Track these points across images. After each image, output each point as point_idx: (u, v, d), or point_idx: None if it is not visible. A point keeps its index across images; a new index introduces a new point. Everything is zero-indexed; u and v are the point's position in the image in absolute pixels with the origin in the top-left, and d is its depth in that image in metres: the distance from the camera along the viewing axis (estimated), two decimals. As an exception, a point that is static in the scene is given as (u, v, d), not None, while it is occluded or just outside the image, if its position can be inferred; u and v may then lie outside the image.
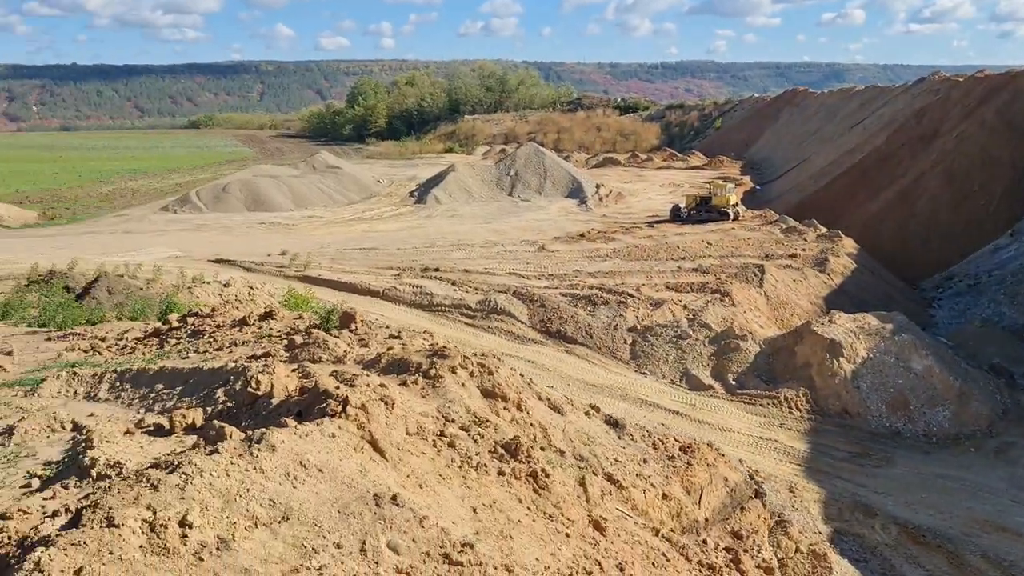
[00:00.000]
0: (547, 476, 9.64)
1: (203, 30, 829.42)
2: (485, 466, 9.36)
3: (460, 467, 9.11)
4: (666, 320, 29.68)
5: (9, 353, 19.98)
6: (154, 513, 5.75)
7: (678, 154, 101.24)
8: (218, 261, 42.11)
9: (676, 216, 53.31)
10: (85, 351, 19.61)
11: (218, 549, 5.77)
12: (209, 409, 11.40)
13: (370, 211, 65.28)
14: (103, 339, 20.78)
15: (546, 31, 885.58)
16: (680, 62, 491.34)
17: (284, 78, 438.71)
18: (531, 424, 11.23)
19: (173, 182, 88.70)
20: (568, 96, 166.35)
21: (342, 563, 6.09)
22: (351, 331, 15.66)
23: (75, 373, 15.63)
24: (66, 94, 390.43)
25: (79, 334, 22.50)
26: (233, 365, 13.08)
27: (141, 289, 30.99)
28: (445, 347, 11.64)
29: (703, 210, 52.74)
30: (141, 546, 5.52)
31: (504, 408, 11.08)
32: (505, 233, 51.21)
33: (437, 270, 38.33)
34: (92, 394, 14.52)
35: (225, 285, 33.40)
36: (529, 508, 9.05)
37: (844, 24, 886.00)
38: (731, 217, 51.60)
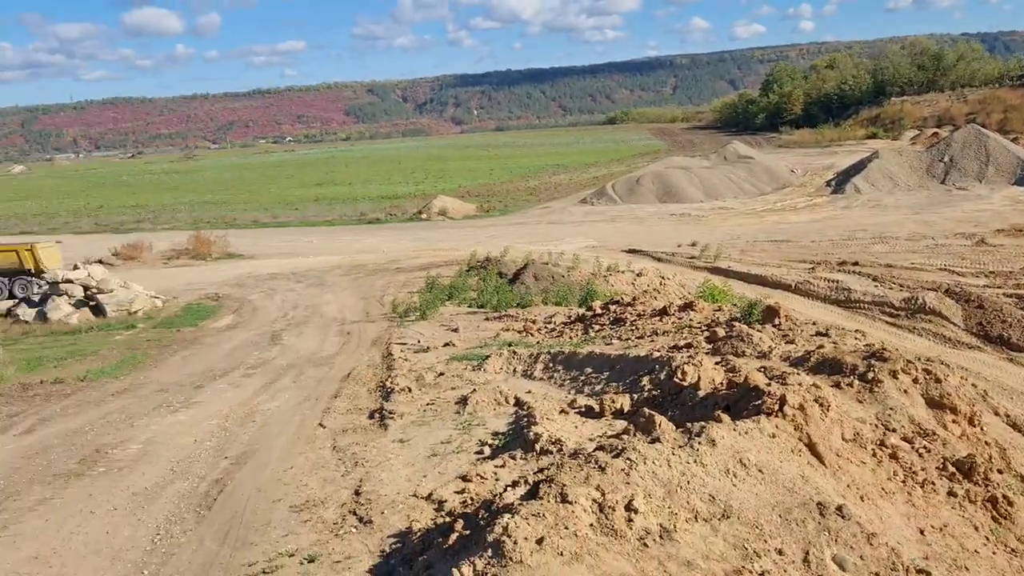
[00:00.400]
0: (1009, 504, 8.43)
1: (622, 29, 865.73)
2: (932, 484, 8.44)
3: (904, 482, 8.31)
4: None
5: (456, 330, 22.68)
6: (603, 494, 5.99)
7: None
8: (630, 251, 43.61)
9: None
10: (519, 332, 21.48)
11: (661, 538, 5.84)
12: (635, 396, 11.76)
13: (782, 202, 63.24)
14: (533, 321, 22.60)
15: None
16: None
17: (697, 71, 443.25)
18: (986, 442, 9.91)
19: (591, 176, 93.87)
20: (1019, 69, 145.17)
21: (784, 571, 5.84)
22: (774, 326, 15.17)
23: (514, 352, 17.16)
24: (501, 97, 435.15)
25: (512, 316, 24.81)
26: (657, 354, 13.36)
27: (563, 276, 33.23)
28: (884, 349, 10.71)
29: None
30: (591, 524, 5.78)
31: (953, 421, 9.91)
32: (936, 225, 46.43)
33: (856, 264, 35.90)
34: (528, 372, 15.80)
35: (638, 275, 34.44)
36: (987, 538, 7.99)
37: None
38: None
